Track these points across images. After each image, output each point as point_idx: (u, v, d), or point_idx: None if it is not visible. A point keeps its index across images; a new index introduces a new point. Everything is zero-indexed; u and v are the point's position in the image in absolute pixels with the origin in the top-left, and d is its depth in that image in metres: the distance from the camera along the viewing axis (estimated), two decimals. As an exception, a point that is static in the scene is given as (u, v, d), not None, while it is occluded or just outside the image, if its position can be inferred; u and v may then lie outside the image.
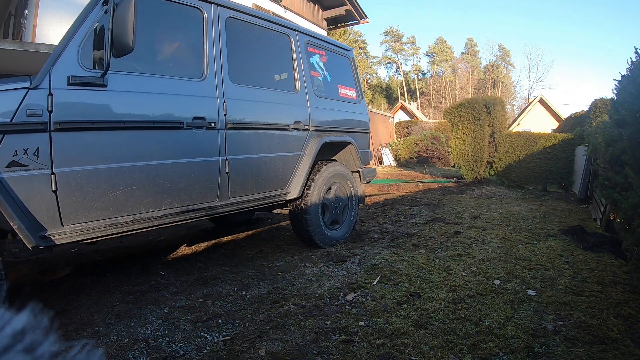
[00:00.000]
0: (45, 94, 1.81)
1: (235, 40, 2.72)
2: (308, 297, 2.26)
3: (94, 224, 1.97)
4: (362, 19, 13.16)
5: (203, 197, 2.44)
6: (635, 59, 2.60)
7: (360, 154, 3.77)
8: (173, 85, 2.30)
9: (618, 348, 1.68)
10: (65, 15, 6.42)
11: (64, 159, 1.84)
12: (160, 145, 2.21)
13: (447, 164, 12.71)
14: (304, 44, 3.33)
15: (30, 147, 1.76)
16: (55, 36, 6.27)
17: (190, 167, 2.34)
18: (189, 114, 2.33)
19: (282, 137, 2.97)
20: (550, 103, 25.29)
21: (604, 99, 7.18)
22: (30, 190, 1.76)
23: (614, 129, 2.90)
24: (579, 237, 3.62)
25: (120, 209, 2.06)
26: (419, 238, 3.62)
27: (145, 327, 1.92)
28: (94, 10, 2.02)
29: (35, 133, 1.77)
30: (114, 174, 2.01)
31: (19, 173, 1.72)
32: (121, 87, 2.05)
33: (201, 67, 2.47)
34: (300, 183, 3.08)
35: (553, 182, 7.70)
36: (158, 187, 2.20)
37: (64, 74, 1.87)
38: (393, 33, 56.64)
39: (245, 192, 2.71)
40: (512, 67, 55.81)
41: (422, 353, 1.64)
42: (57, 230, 1.85)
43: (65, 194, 1.85)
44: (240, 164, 2.63)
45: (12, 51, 5.17)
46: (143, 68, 2.22)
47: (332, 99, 3.58)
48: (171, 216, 2.28)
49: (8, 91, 1.74)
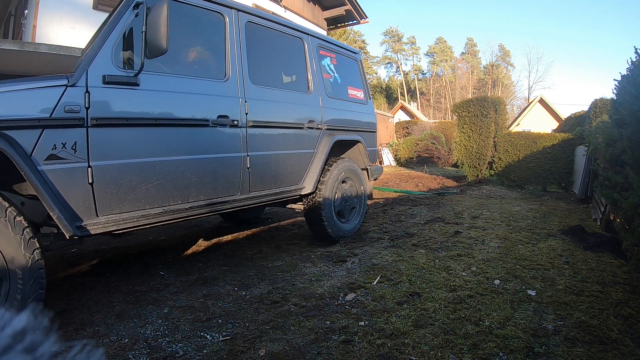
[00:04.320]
0: (83, 92, 1.90)
1: (254, 43, 2.86)
2: (308, 297, 2.26)
3: (127, 215, 2.06)
4: (362, 19, 13.15)
5: (226, 190, 2.57)
6: (635, 59, 2.60)
7: (368, 152, 3.96)
8: (199, 85, 2.43)
9: (618, 348, 1.68)
10: (65, 15, 6.42)
11: (99, 153, 1.94)
12: (188, 141, 2.34)
13: (447, 164, 12.71)
14: (316, 47, 3.50)
15: (69, 142, 1.85)
16: (56, 36, 6.27)
17: (215, 163, 2.47)
18: (214, 112, 2.46)
19: (297, 136, 3.12)
20: (550, 103, 25.30)
21: (604, 99, 7.17)
22: (68, 182, 1.84)
23: (614, 129, 2.90)
24: (579, 237, 3.62)
25: (151, 201, 2.17)
26: (419, 238, 3.62)
27: (145, 327, 1.92)
28: (125, 14, 2.10)
29: (73, 128, 1.87)
30: (145, 168, 2.12)
31: (57, 166, 1.81)
32: (152, 86, 2.16)
33: (224, 68, 2.61)
34: (314, 179, 3.24)
35: (553, 182, 7.70)
36: (186, 180, 2.32)
37: (99, 73, 1.96)
38: (393, 33, 56.65)
39: (264, 186, 2.85)
40: (512, 67, 55.86)
41: (422, 353, 1.64)
42: (92, 221, 1.94)
43: (100, 186, 1.95)
44: (260, 160, 2.77)
45: (12, 51, 5.17)
46: (171, 69, 2.33)
47: (342, 99, 3.74)
48: (197, 208, 2.39)
49: (47, 88, 1.82)
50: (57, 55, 5.51)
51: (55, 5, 6.30)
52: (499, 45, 56.38)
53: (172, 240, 3.78)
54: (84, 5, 6.65)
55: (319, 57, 3.52)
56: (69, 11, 6.46)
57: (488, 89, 51.52)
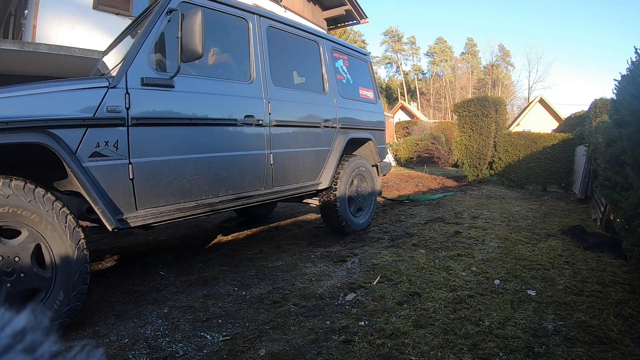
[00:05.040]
0: (123, 93, 2.02)
1: (275, 47, 3.01)
2: (308, 297, 2.26)
3: (164, 208, 2.20)
4: (362, 19, 13.15)
5: (252, 185, 2.73)
6: (635, 59, 2.60)
7: (378, 149, 4.16)
8: (227, 87, 2.58)
9: (618, 348, 1.67)
10: (65, 15, 6.42)
11: (139, 151, 2.06)
12: (219, 139, 2.49)
13: (447, 164, 12.70)
14: (330, 50, 3.67)
15: (111, 140, 1.96)
16: (56, 36, 6.27)
17: (242, 159, 2.62)
18: (241, 112, 2.61)
19: (315, 134, 3.31)
20: (550, 103, 25.29)
21: (604, 99, 7.17)
22: (110, 178, 1.96)
23: (614, 129, 2.90)
24: (579, 237, 3.61)
25: (186, 196, 2.31)
26: (419, 238, 3.62)
27: (145, 327, 1.91)
28: (159, 20, 2.22)
29: (114, 127, 1.98)
30: (180, 165, 2.26)
31: (101, 163, 1.93)
32: (186, 88, 2.29)
33: (248, 71, 2.76)
34: (330, 174, 3.43)
35: (553, 182, 7.70)
36: (217, 176, 2.47)
37: (138, 75, 2.08)
38: (393, 33, 56.65)
39: (285, 182, 3.02)
40: (512, 67, 55.86)
41: (422, 353, 1.64)
42: (132, 214, 2.06)
43: (140, 182, 2.08)
44: (281, 157, 2.93)
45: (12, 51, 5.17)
46: (200, 71, 2.48)
47: (354, 99, 3.91)
48: (227, 202, 2.55)
49: (90, 89, 1.93)
50: (57, 55, 5.51)
51: (55, 5, 6.29)
52: (499, 45, 56.43)
53: (172, 240, 3.78)
54: (84, 5, 6.65)
55: (332, 59, 3.69)
56: (69, 11, 6.46)
57: (488, 89, 51.50)
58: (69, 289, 1.80)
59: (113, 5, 6.99)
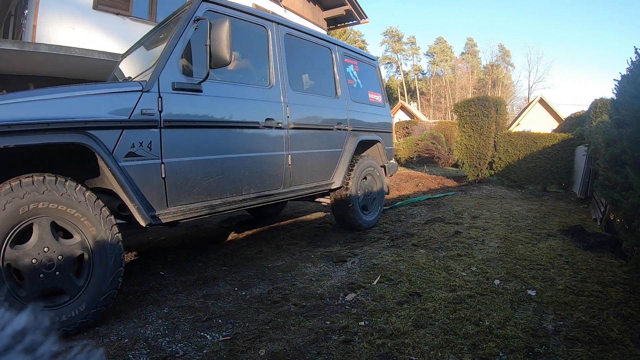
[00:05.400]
0: (156, 97, 2.13)
1: (292, 53, 3.16)
2: (308, 297, 2.26)
3: (193, 205, 2.32)
4: (362, 19, 13.15)
5: (271, 184, 2.86)
6: (635, 59, 2.59)
7: (386, 151, 4.35)
8: (249, 91, 2.72)
9: (618, 348, 1.67)
10: (65, 15, 6.42)
11: (170, 151, 2.18)
12: (243, 141, 2.63)
13: (447, 164, 12.70)
14: (342, 56, 3.83)
15: (145, 141, 2.07)
16: (56, 36, 6.27)
17: (263, 160, 2.76)
18: (262, 115, 2.75)
19: (328, 136, 3.46)
20: (550, 103, 25.29)
21: (604, 99, 7.16)
22: (144, 177, 2.07)
23: (614, 129, 2.89)
24: (579, 237, 3.61)
25: (213, 194, 2.43)
26: (419, 238, 3.62)
27: (145, 327, 1.91)
28: (186, 28, 2.33)
29: (148, 129, 2.09)
30: (208, 164, 2.38)
31: (135, 162, 2.04)
32: (212, 92, 2.42)
33: (268, 76, 2.91)
34: (342, 174, 3.59)
35: (553, 182, 7.69)
36: (240, 175, 2.60)
37: (169, 80, 2.20)
38: (393, 33, 56.65)
39: (301, 181, 3.16)
40: (512, 67, 55.85)
41: (422, 353, 1.64)
42: (163, 211, 2.17)
43: (171, 180, 2.19)
44: (298, 157, 3.08)
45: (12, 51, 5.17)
46: (224, 77, 2.59)
47: (364, 103, 4.08)
48: (249, 200, 2.68)
49: (125, 93, 2.04)
50: (57, 55, 5.51)
51: (55, 5, 6.29)
52: (499, 45, 56.43)
53: (172, 240, 3.78)
54: (84, 5, 6.65)
55: (344, 64, 3.84)
56: (69, 11, 6.46)
57: (488, 89, 51.50)
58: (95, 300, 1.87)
59: (113, 5, 6.99)
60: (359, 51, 4.27)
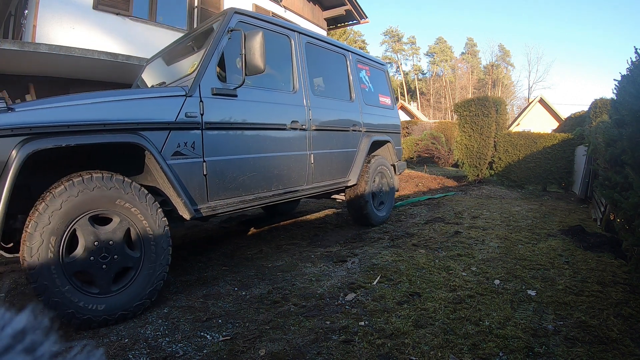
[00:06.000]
0: (198, 101, 2.33)
1: (312, 60, 3.40)
2: (308, 297, 2.26)
3: (229, 200, 2.53)
4: (362, 19, 13.14)
5: (296, 181, 3.09)
6: (635, 59, 2.59)
7: (395, 150, 4.62)
8: (277, 96, 2.95)
9: (618, 348, 1.67)
10: (65, 15, 6.42)
11: (210, 151, 2.38)
12: (272, 141, 2.85)
13: (447, 164, 12.71)
14: (355, 62, 4.07)
15: (189, 141, 2.27)
16: (56, 36, 6.27)
17: (290, 159, 2.99)
18: (288, 118, 2.98)
19: (345, 137, 3.70)
20: (550, 103, 25.28)
21: (604, 99, 7.16)
22: (189, 174, 2.27)
23: (614, 129, 2.89)
24: (579, 237, 3.61)
25: (247, 189, 2.65)
26: (419, 238, 3.62)
27: (145, 327, 1.91)
28: (222, 39, 2.54)
29: (192, 130, 2.29)
30: (243, 163, 2.60)
31: (181, 160, 2.23)
32: (246, 97, 2.63)
33: (292, 82, 3.15)
34: (357, 172, 3.83)
35: (553, 182, 7.69)
36: (270, 173, 2.82)
37: (209, 86, 2.39)
38: (393, 33, 56.65)
39: (322, 178, 3.39)
40: (512, 67, 55.85)
41: (422, 353, 1.64)
42: (204, 205, 2.37)
43: (211, 177, 2.40)
44: (319, 157, 3.31)
45: (12, 51, 5.17)
46: (255, 82, 2.76)
47: (375, 106, 4.33)
48: (277, 196, 2.90)
49: (172, 98, 2.23)
50: (57, 55, 5.51)
51: (55, 5, 6.29)
52: (499, 45, 56.43)
53: (172, 240, 3.78)
54: (84, 5, 6.65)
55: (357, 70, 4.09)
56: (69, 11, 6.46)
57: (488, 89, 51.49)
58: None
59: (113, 5, 6.99)
60: (370, 57, 4.52)
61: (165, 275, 2.13)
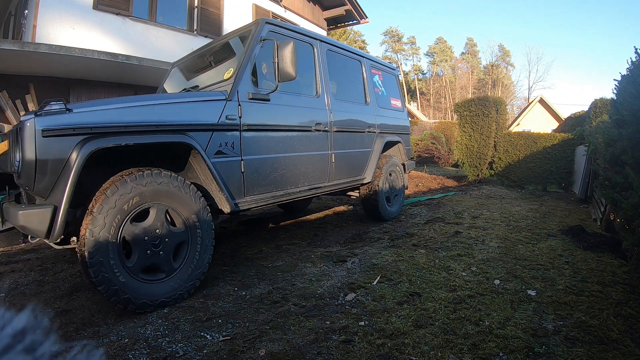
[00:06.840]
0: (236, 105, 2.53)
1: (332, 66, 3.62)
2: (308, 297, 2.26)
3: (263, 195, 2.75)
4: (362, 19, 13.14)
5: (319, 179, 3.32)
6: (635, 59, 2.60)
7: (405, 150, 4.89)
8: (303, 100, 3.19)
9: (618, 348, 1.68)
10: (65, 15, 6.42)
11: (247, 150, 2.60)
12: (300, 141, 3.07)
13: (447, 164, 12.71)
14: (369, 67, 4.30)
15: (229, 142, 2.49)
16: (56, 36, 6.27)
17: (314, 158, 3.22)
18: (313, 120, 3.22)
19: (361, 137, 3.94)
20: (550, 103, 25.25)
21: (604, 99, 7.16)
22: (229, 171, 2.50)
23: (614, 129, 2.89)
24: (579, 237, 3.61)
25: (277, 186, 2.87)
26: (419, 238, 3.62)
27: (145, 327, 1.91)
28: (255, 47, 2.73)
29: (231, 132, 2.51)
30: (275, 161, 2.82)
31: (222, 159, 2.45)
32: (277, 101, 2.83)
33: (315, 87, 3.37)
34: (372, 171, 4.08)
35: (553, 182, 7.70)
36: (298, 171, 3.05)
37: (245, 91, 2.60)
38: (393, 33, 56.63)
39: (341, 176, 3.62)
40: (512, 67, 55.81)
41: (422, 353, 1.64)
42: (242, 200, 2.59)
43: (248, 174, 2.62)
44: (339, 156, 3.55)
45: (12, 51, 5.17)
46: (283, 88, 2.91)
47: (388, 108, 4.57)
48: (304, 192, 3.13)
49: (214, 101, 2.44)
50: (57, 55, 5.51)
51: (55, 5, 6.29)
52: (499, 45, 56.41)
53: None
54: (84, 5, 6.64)
55: (371, 75, 4.32)
56: (69, 11, 6.45)
57: (488, 89, 51.47)
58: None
59: (113, 5, 6.99)
60: (383, 62, 4.76)
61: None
